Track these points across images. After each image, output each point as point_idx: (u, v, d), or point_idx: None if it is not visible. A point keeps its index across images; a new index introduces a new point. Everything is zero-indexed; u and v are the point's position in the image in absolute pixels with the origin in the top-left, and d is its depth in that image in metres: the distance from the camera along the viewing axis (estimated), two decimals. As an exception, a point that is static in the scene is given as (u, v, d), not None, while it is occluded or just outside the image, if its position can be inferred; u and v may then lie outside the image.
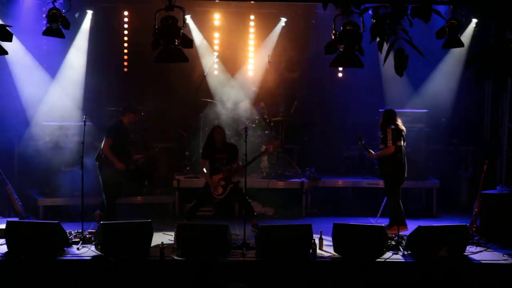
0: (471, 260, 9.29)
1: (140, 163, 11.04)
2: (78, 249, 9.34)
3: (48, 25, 9.51)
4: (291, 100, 12.79)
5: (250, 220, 10.48)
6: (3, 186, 10.96)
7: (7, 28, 9.07)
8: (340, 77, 13.28)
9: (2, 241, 9.28)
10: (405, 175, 10.52)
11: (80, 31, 12.10)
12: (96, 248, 9.23)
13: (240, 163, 10.37)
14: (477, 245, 9.82)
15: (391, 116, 10.54)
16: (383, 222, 10.41)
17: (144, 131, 12.16)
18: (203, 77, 12.83)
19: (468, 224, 10.11)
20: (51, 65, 12.11)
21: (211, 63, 12.96)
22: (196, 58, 12.86)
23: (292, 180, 12.20)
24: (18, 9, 11.60)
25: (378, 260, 9.15)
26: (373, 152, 10.48)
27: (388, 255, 9.29)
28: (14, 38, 9.17)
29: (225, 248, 9.25)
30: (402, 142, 10.44)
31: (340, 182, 12.45)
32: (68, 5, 9.56)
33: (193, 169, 12.16)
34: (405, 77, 12.71)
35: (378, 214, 10.74)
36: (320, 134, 13.20)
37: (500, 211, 10.29)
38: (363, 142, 10.47)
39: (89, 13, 12.22)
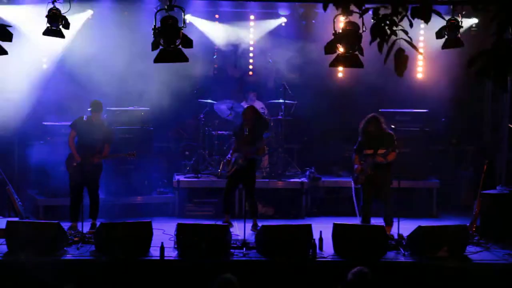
0: (471, 260, 9.29)
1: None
2: (78, 249, 9.35)
3: (48, 25, 9.52)
4: (291, 100, 12.78)
5: (251, 219, 10.51)
6: (3, 186, 10.96)
7: (7, 28, 9.07)
8: (340, 77, 13.27)
9: (2, 241, 9.29)
10: None
11: (80, 31, 12.09)
12: (96, 248, 9.24)
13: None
14: (477, 245, 9.82)
15: (383, 121, 10.48)
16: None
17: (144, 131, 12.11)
18: (202, 78, 12.83)
19: (468, 224, 10.12)
20: (52, 64, 12.11)
21: (210, 63, 12.97)
22: (196, 58, 12.85)
23: (292, 180, 12.20)
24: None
25: (378, 260, 9.15)
26: (382, 158, 10.26)
27: (388, 255, 9.30)
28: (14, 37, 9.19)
29: (225, 248, 9.26)
30: None
31: (340, 182, 12.44)
32: (68, 5, 9.57)
33: (193, 169, 12.16)
34: (405, 77, 12.80)
35: (358, 214, 10.70)
36: (320, 134, 13.19)
37: (500, 211, 10.30)
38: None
39: (89, 12, 12.21)
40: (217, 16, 13.06)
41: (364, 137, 10.36)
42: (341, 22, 9.44)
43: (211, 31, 12.85)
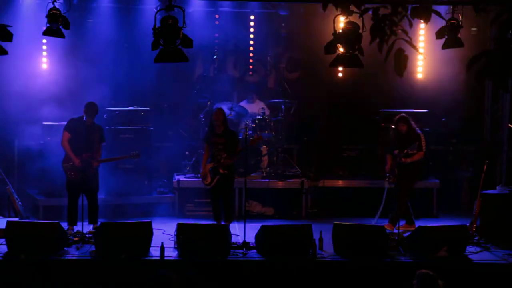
0: (471, 260, 9.30)
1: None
2: (78, 249, 9.35)
3: (48, 25, 9.53)
4: (291, 100, 12.78)
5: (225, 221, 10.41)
6: (3, 186, 10.95)
7: (7, 28, 9.08)
8: (340, 77, 13.27)
9: (2, 241, 9.29)
10: None
11: (79, 31, 12.08)
12: (96, 248, 9.24)
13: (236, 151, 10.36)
14: (477, 245, 9.83)
15: (412, 121, 10.69)
16: (382, 222, 10.41)
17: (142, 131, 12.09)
18: (203, 78, 12.84)
19: (468, 224, 10.12)
20: (51, 65, 12.11)
21: (211, 63, 12.98)
22: (196, 58, 12.89)
23: (292, 180, 12.19)
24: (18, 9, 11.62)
25: (378, 260, 9.15)
26: (405, 158, 10.41)
27: (388, 255, 9.30)
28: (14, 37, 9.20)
29: (225, 248, 9.26)
30: None
31: (340, 182, 12.44)
32: (68, 5, 9.58)
33: (193, 169, 12.15)
34: (405, 77, 12.78)
35: (377, 216, 10.73)
36: (320, 134, 13.19)
37: (500, 211, 10.30)
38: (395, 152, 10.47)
39: (89, 12, 12.22)
40: (217, 16, 13.06)
41: (395, 137, 10.64)
42: (341, 22, 9.44)
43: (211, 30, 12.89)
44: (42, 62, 12.15)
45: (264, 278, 8.89)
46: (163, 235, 9.99)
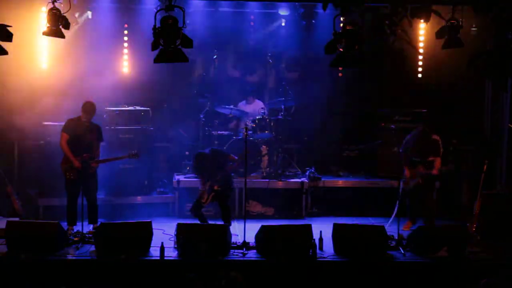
0: (471, 260, 9.30)
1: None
2: (77, 249, 9.35)
3: (48, 25, 9.52)
4: (291, 100, 12.78)
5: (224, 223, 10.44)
6: (3, 186, 10.95)
7: (7, 28, 9.08)
8: (340, 76, 13.27)
9: (2, 241, 9.29)
10: None
11: (79, 31, 12.09)
12: (96, 248, 9.24)
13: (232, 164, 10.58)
14: (477, 245, 9.83)
15: (432, 124, 10.72)
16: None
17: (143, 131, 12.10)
18: (203, 78, 12.84)
19: (468, 224, 10.12)
20: (51, 65, 12.11)
21: (211, 63, 12.98)
22: (196, 58, 12.89)
23: (292, 180, 12.19)
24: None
25: (378, 260, 9.15)
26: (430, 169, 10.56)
27: (388, 255, 9.30)
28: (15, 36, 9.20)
29: (225, 248, 9.26)
30: None
31: (340, 182, 12.45)
32: (68, 5, 9.58)
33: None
34: (405, 77, 12.78)
35: (390, 221, 10.66)
36: (320, 134, 13.19)
37: (500, 211, 10.30)
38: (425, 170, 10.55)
39: (89, 13, 12.22)
40: (217, 16, 13.05)
41: (412, 139, 10.68)
42: (341, 22, 9.44)
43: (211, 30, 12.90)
44: (42, 62, 12.14)
45: (264, 278, 8.89)
46: (163, 235, 10.00)
